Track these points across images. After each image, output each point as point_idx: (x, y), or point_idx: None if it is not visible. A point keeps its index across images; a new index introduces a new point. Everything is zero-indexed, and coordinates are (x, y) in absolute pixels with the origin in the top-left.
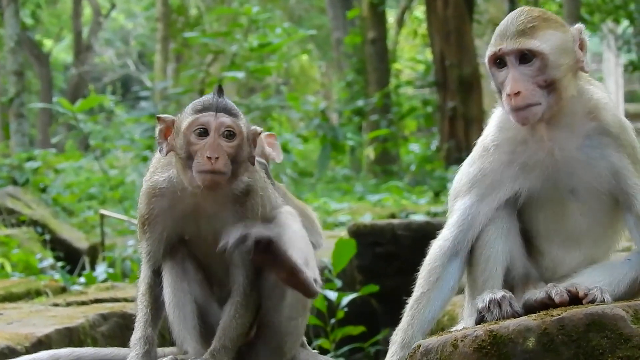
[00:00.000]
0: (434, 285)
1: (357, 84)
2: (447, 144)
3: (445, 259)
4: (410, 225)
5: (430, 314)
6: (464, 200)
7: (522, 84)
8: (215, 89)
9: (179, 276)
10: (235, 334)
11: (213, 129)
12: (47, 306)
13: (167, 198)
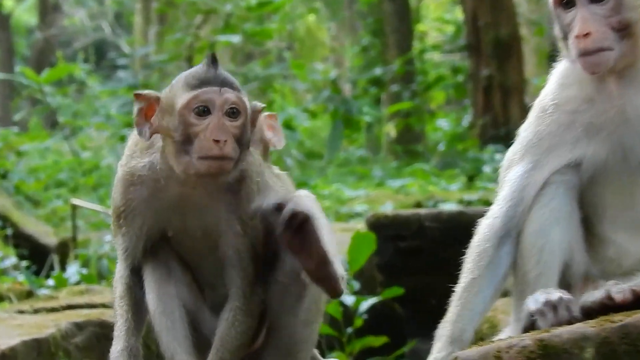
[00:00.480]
0: (485, 271)
1: (373, 49)
2: (481, 119)
3: (496, 239)
4: (440, 216)
5: (481, 304)
6: (516, 169)
7: (592, 24)
8: (207, 58)
9: (163, 278)
10: (236, 344)
11: (217, 106)
12: (11, 313)
13: (148, 187)
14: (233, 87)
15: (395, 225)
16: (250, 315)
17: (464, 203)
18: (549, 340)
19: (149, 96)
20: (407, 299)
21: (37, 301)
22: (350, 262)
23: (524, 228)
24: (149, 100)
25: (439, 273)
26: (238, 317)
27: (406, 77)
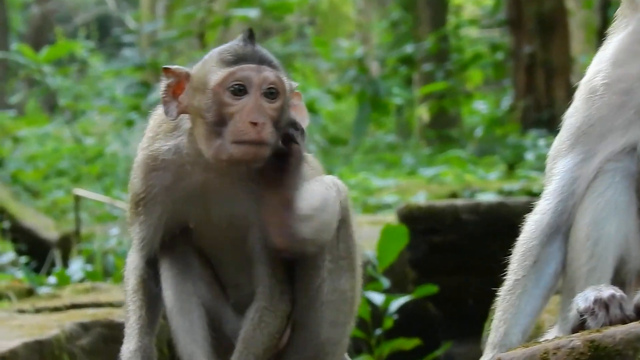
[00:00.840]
0: (530, 270)
1: (404, 24)
2: (523, 101)
3: (544, 236)
4: (478, 208)
5: (528, 306)
6: (564, 161)
7: None
8: (244, 33)
9: (181, 274)
10: (261, 347)
11: (255, 85)
12: (11, 313)
13: (171, 173)
14: (272, 65)
15: (428, 217)
16: (278, 316)
17: (504, 193)
18: (600, 341)
19: (178, 72)
20: (441, 298)
21: (38, 300)
22: (380, 257)
23: (576, 220)
24: (179, 76)
25: (476, 270)
26: (265, 318)
27: (440, 55)
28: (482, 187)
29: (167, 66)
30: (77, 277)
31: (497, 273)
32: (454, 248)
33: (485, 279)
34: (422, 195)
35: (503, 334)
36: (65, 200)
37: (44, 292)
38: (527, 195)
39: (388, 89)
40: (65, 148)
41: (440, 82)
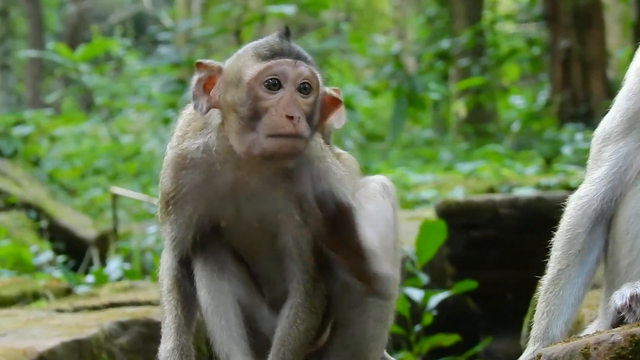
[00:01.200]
0: (575, 259)
1: (440, 19)
2: (560, 96)
3: (590, 223)
4: (517, 202)
5: (572, 297)
6: (617, 146)
7: None
8: (280, 30)
9: (215, 273)
10: (298, 344)
11: (290, 80)
12: (49, 312)
13: (201, 171)
14: (307, 61)
15: (467, 213)
16: (313, 312)
17: (542, 188)
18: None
19: (211, 66)
20: (480, 293)
21: (76, 299)
22: (418, 253)
23: (619, 211)
24: (212, 71)
25: (515, 265)
26: (300, 314)
27: (476, 50)
28: (519, 181)
29: (201, 60)
30: (115, 275)
31: (536, 267)
32: (492, 243)
33: (524, 274)
34: (460, 190)
35: (545, 327)
36: (103, 198)
37: (82, 291)
38: (565, 190)
39: (424, 84)
40: (101, 146)
41: (477, 77)
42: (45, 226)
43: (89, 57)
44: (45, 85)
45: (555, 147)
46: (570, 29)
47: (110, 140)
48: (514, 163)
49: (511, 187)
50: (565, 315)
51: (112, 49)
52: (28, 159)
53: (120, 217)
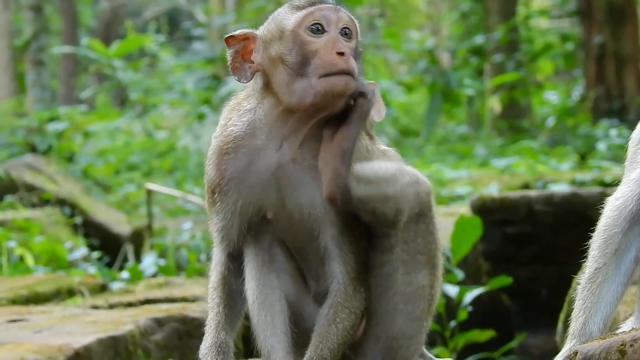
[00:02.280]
0: (611, 258)
1: (474, 15)
2: (594, 92)
3: (625, 223)
4: (552, 199)
5: (609, 294)
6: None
7: None
8: None
9: (265, 267)
10: (336, 342)
11: (333, 23)
12: (85, 309)
13: (243, 155)
14: (345, 9)
15: (503, 209)
16: (352, 312)
17: (577, 184)
18: None
19: (242, 35)
20: (515, 289)
21: (112, 295)
22: (454, 249)
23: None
24: (245, 39)
25: (550, 261)
26: (339, 314)
27: (510, 46)
28: (554, 177)
29: (229, 34)
30: (150, 272)
31: (571, 264)
32: (527, 239)
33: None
34: (495, 186)
35: (582, 324)
36: (137, 194)
37: (117, 287)
38: (600, 186)
39: (459, 80)
40: (136, 142)
41: (511, 73)
42: (79, 222)
43: (123, 53)
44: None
45: (589, 142)
46: (604, 24)
47: (145, 136)
48: (549, 159)
49: (546, 183)
50: (603, 313)
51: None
52: (62, 155)
53: (155, 213)
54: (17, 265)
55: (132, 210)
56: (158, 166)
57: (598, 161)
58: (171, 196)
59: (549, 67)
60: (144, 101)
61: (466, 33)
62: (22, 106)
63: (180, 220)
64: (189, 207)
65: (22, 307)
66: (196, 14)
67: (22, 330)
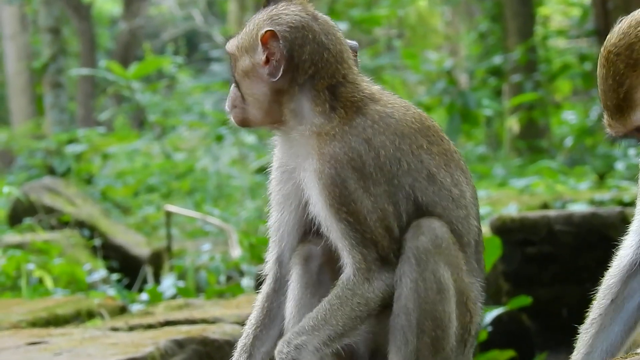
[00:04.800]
0: (608, 308)
1: (492, 35)
2: None
3: (624, 272)
4: (571, 218)
5: (605, 343)
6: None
7: None
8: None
9: (309, 289)
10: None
11: None
12: (105, 331)
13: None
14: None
15: (523, 229)
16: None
17: (595, 204)
18: None
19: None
20: (535, 309)
21: (131, 317)
22: None
23: None
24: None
25: (570, 281)
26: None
27: (529, 66)
28: (573, 197)
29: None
30: (169, 293)
31: (592, 283)
32: (548, 259)
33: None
34: (514, 206)
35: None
36: (156, 216)
37: (137, 309)
38: (619, 205)
39: (477, 100)
40: (155, 164)
41: (530, 93)
42: (98, 244)
43: (142, 74)
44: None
45: (608, 162)
46: None
47: (163, 158)
48: (568, 179)
49: (565, 202)
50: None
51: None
52: (81, 177)
53: (174, 234)
54: (36, 288)
55: (152, 232)
56: (177, 188)
57: (617, 181)
58: (190, 218)
59: (567, 87)
60: (163, 123)
61: (484, 53)
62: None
63: (199, 242)
64: (208, 228)
65: (42, 329)
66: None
67: (42, 353)
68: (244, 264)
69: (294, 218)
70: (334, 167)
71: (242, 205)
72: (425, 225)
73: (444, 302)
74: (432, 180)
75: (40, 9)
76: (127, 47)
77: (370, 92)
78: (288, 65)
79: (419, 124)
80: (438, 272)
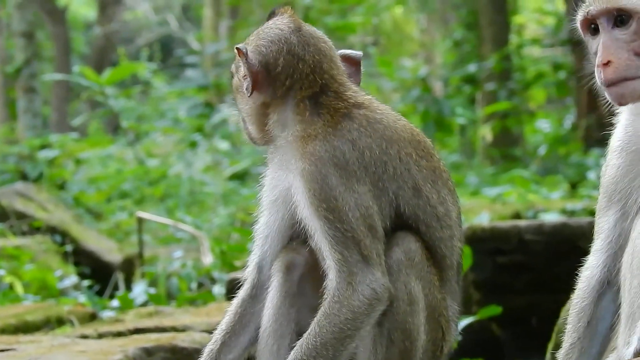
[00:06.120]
0: (585, 332)
1: (467, 43)
2: (585, 120)
3: (595, 293)
4: (542, 228)
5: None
6: (606, 218)
7: (614, 51)
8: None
9: (288, 299)
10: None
11: None
12: (74, 338)
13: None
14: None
15: (494, 238)
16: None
17: (567, 213)
18: None
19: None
20: (506, 318)
21: (101, 325)
22: None
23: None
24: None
25: (541, 291)
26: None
27: (503, 75)
28: (545, 206)
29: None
30: (140, 300)
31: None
32: (518, 268)
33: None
34: (486, 215)
35: None
36: (128, 222)
37: (107, 316)
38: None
39: (452, 108)
40: (128, 170)
41: (504, 102)
42: (70, 250)
43: (115, 80)
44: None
45: (580, 171)
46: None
47: (137, 164)
48: (540, 188)
49: (537, 212)
50: None
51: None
52: (54, 183)
53: (146, 241)
54: (6, 294)
55: (124, 238)
56: (150, 194)
57: (589, 190)
58: (163, 224)
59: (541, 95)
60: (137, 128)
61: (459, 61)
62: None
63: (171, 249)
64: (180, 235)
65: (11, 336)
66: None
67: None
68: (216, 271)
69: (280, 223)
70: (314, 164)
71: (215, 212)
72: (400, 237)
73: (414, 315)
74: (418, 193)
75: (14, 12)
76: (102, 51)
77: (357, 101)
78: (266, 79)
79: (409, 135)
80: (409, 284)
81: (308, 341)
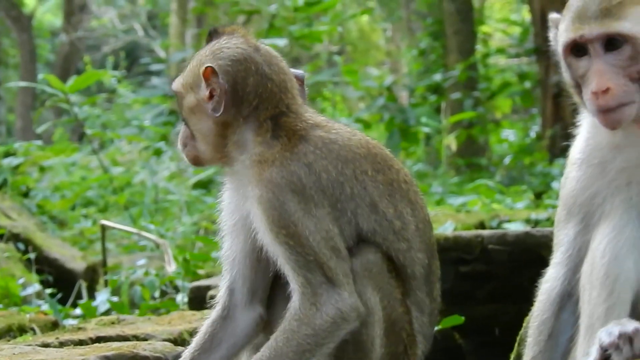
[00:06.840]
0: (546, 345)
1: (433, 53)
2: (551, 130)
3: (556, 306)
4: (505, 238)
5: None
6: (565, 231)
7: (611, 78)
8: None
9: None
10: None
11: None
12: (35, 347)
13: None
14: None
15: (456, 247)
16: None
17: (532, 223)
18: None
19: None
20: (468, 328)
21: (63, 333)
22: None
23: (594, 259)
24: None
25: (504, 300)
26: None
27: (468, 84)
28: (509, 216)
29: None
30: (103, 308)
31: (526, 302)
32: (482, 278)
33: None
34: (450, 225)
35: None
36: (92, 230)
37: (70, 324)
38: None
39: (417, 117)
40: (92, 178)
41: (469, 111)
42: (33, 258)
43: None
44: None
45: (545, 181)
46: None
47: (101, 172)
48: (505, 197)
49: (501, 221)
50: None
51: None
52: (17, 190)
53: (110, 249)
54: None
55: (88, 246)
56: (114, 202)
57: (553, 200)
58: (126, 232)
59: (507, 105)
60: (101, 136)
61: (425, 70)
62: None
63: (135, 257)
64: (144, 243)
65: None
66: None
67: None
68: (179, 280)
69: (243, 246)
70: (271, 191)
71: (179, 220)
72: (359, 248)
73: (368, 326)
74: (375, 209)
75: None
76: (68, 59)
77: (314, 122)
78: (232, 99)
79: (364, 150)
80: (365, 294)
81: (263, 353)
